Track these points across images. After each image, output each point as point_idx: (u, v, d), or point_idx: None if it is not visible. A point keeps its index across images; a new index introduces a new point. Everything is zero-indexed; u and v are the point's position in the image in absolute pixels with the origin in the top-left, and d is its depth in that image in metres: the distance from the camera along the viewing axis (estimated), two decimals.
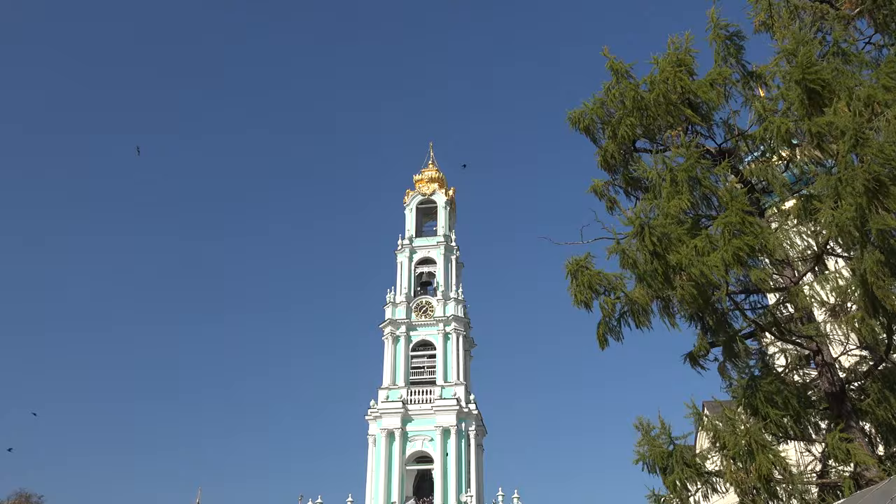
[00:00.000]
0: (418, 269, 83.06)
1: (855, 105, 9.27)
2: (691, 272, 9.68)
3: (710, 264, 9.62)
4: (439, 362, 75.79)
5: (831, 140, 9.67)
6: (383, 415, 72.34)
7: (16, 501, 52.73)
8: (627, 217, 10.58)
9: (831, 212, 9.10)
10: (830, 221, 9.08)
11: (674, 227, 10.34)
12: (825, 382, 10.69)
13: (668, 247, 10.11)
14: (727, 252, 9.56)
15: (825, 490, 10.52)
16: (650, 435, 11.21)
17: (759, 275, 9.89)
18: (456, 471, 70.05)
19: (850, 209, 8.90)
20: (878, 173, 8.75)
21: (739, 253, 9.57)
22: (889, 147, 8.77)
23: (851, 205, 8.86)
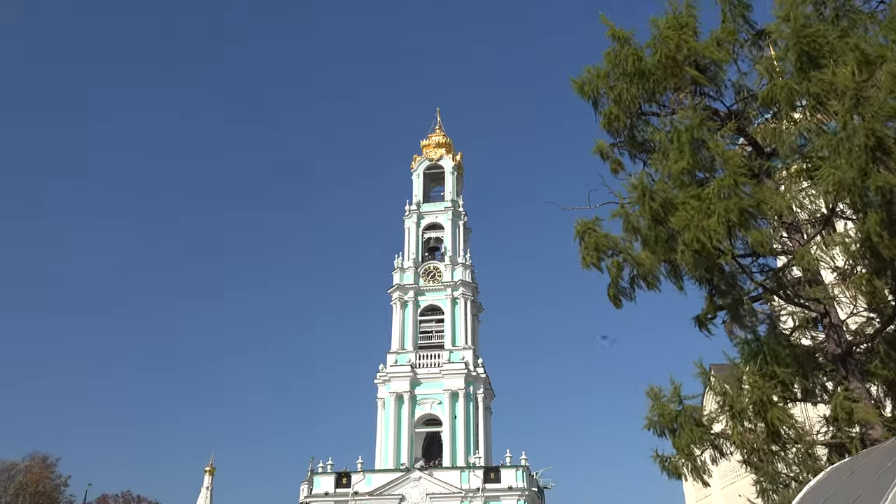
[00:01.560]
0: (426, 234, 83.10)
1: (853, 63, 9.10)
2: (691, 237, 9.63)
3: (709, 228, 9.56)
4: (447, 326, 76.25)
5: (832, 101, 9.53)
6: (392, 378, 73.09)
7: (32, 463, 53.88)
8: (630, 182, 10.52)
9: (832, 171, 9.00)
10: (831, 181, 8.99)
11: (677, 191, 10.27)
12: (832, 344, 10.69)
13: (670, 212, 10.05)
14: (722, 215, 9.49)
15: (831, 450, 10.59)
16: (660, 401, 11.30)
17: (757, 238, 9.82)
18: (464, 433, 70.92)
19: (850, 168, 8.80)
20: (878, 131, 8.64)
21: (732, 216, 9.50)
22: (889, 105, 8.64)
23: (852, 164, 8.76)
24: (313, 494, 68.42)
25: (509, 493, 64.51)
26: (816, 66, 9.81)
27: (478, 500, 64.12)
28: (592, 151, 12.61)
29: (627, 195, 10.72)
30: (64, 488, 56.58)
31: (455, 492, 64.20)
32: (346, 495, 65.89)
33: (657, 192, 10.16)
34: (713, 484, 34.91)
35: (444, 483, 64.84)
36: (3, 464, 52.75)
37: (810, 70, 9.84)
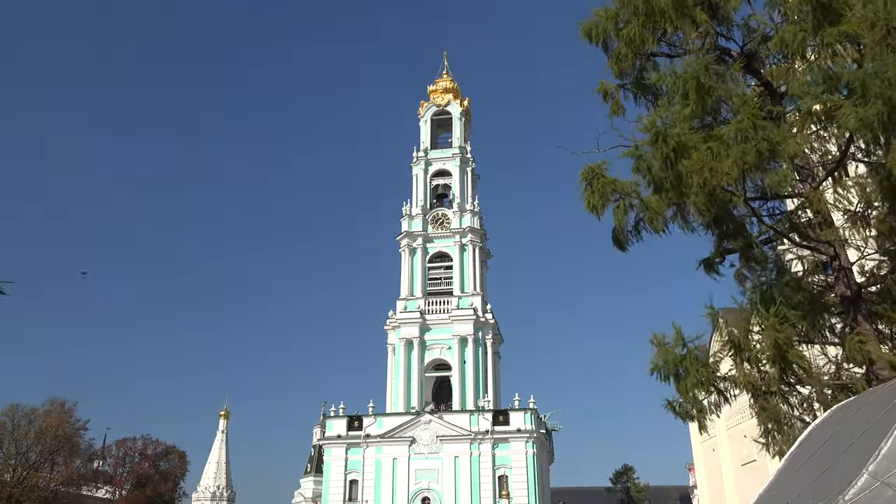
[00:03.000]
0: (434, 181, 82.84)
1: None
2: (704, 179, 9.55)
3: (722, 171, 9.47)
4: (456, 273, 76.68)
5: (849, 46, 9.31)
6: (402, 325, 73.92)
7: (51, 408, 55.18)
8: (643, 124, 10.37)
9: (855, 109, 8.82)
10: (853, 118, 8.81)
11: (689, 134, 10.14)
12: (842, 286, 10.69)
13: (683, 154, 9.95)
14: (739, 157, 9.38)
15: (838, 390, 10.70)
16: (664, 346, 11.37)
17: (775, 179, 9.73)
18: (473, 377, 72.02)
19: (877, 104, 8.62)
20: None
21: (749, 158, 9.38)
22: None
23: (880, 98, 8.57)
24: (326, 437, 70.03)
25: (518, 435, 65.83)
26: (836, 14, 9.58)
27: (487, 442, 65.51)
28: (595, 90, 12.41)
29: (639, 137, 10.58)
30: (83, 432, 58.07)
31: (465, 434, 65.55)
32: (359, 438, 67.41)
33: (671, 134, 10.04)
34: (719, 426, 35.46)
35: (453, 426, 66.15)
36: (23, 409, 54.10)
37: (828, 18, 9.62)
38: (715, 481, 38.46)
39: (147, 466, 67.11)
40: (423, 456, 65.72)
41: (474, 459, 64.91)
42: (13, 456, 51.54)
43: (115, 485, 65.57)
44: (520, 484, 63.17)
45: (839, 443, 5.21)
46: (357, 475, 66.49)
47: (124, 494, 64.04)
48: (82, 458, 58.27)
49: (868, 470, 4.05)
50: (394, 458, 66.24)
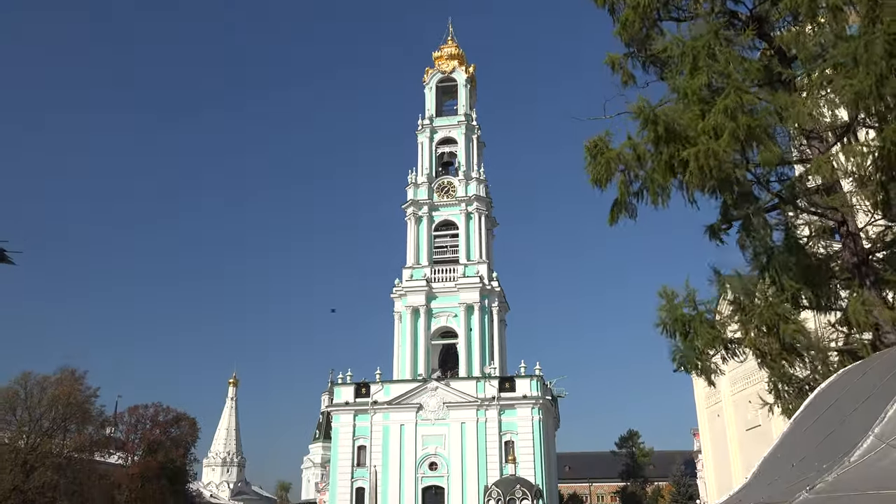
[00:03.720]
0: (439, 149, 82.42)
1: None
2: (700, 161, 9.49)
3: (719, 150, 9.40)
4: (462, 241, 76.73)
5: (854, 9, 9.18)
6: (408, 293, 74.22)
7: (62, 376, 55.81)
8: (633, 109, 10.25)
9: (849, 80, 8.74)
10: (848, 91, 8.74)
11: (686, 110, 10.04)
12: (848, 252, 10.68)
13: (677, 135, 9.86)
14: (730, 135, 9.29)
15: (843, 355, 10.75)
16: (674, 302, 11.40)
17: (768, 156, 9.66)
18: (480, 344, 72.47)
19: (868, 77, 8.53)
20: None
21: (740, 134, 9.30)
22: None
23: (870, 71, 8.49)
24: (334, 404, 70.81)
25: (524, 401, 66.45)
26: None
27: (493, 408, 66.15)
28: (604, 62, 12.28)
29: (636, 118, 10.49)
30: (94, 399, 58.73)
31: (471, 401, 66.19)
32: (366, 405, 68.13)
33: (661, 116, 9.95)
34: (724, 391, 35.71)
35: (460, 392, 66.77)
36: (35, 377, 54.71)
37: None
38: (719, 446, 38.83)
39: (159, 433, 67.90)
40: (430, 422, 66.45)
41: (481, 425, 65.60)
42: (26, 423, 52.27)
43: (128, 451, 66.52)
44: (526, 449, 63.92)
45: (845, 406, 5.27)
46: (365, 441, 67.33)
47: (136, 460, 64.97)
48: (94, 425, 59.02)
49: (874, 432, 4.10)
50: (401, 424, 67.01)
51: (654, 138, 9.94)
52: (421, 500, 64.69)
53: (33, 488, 48.83)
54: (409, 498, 64.24)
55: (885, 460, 3.93)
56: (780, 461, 5.59)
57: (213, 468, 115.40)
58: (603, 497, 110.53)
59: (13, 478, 48.22)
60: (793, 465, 5.10)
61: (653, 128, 9.86)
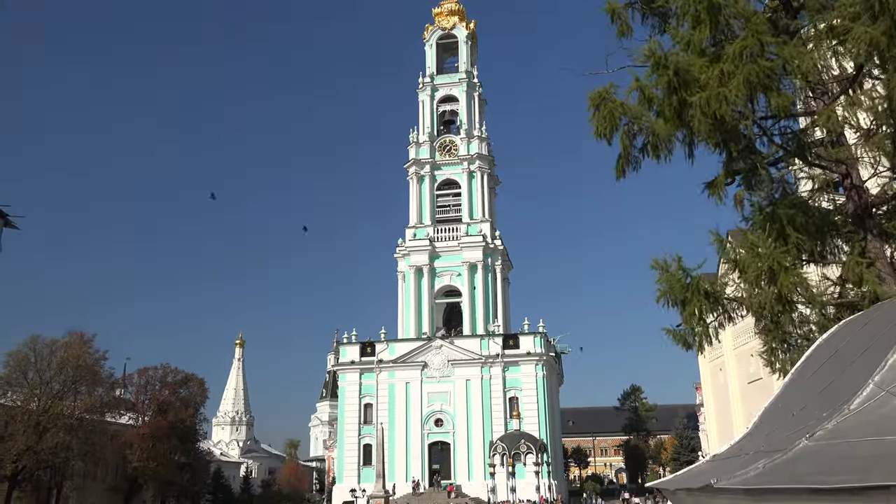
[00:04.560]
0: (440, 107, 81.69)
1: None
2: (710, 104, 9.37)
3: (728, 95, 9.28)
4: (464, 200, 76.59)
5: None
6: (411, 252, 74.41)
7: (70, 339, 56.42)
8: (643, 52, 10.10)
9: (865, 28, 8.60)
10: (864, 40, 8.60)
11: (694, 57, 9.89)
12: (851, 205, 10.65)
13: (687, 80, 9.72)
14: (743, 80, 9.16)
15: (843, 309, 10.79)
16: (668, 271, 11.40)
17: (779, 102, 9.54)
18: (483, 303, 72.91)
19: (883, 24, 8.39)
20: None
21: (754, 79, 9.16)
22: None
23: (886, 20, 8.34)
24: (340, 363, 71.63)
25: (527, 358, 67.14)
26: None
27: (497, 365, 66.89)
28: (602, 10, 12.05)
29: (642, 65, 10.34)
30: (103, 362, 59.46)
31: (475, 358, 66.89)
32: (372, 363, 68.89)
33: (671, 60, 9.80)
34: (726, 346, 35.99)
35: (464, 350, 67.42)
36: (43, 340, 55.33)
37: None
38: (721, 399, 39.30)
39: (168, 394, 68.85)
40: (435, 380, 67.29)
41: (485, 382, 66.42)
42: (37, 385, 53.04)
43: (138, 411, 67.58)
44: (530, 405, 64.80)
45: (846, 356, 5.31)
46: (371, 399, 68.28)
47: (147, 420, 66.02)
48: (104, 386, 59.86)
49: (874, 380, 4.14)
50: (406, 382, 67.87)
51: (664, 83, 9.80)
52: (427, 456, 65.87)
53: (46, 448, 49.74)
54: (415, 453, 65.38)
55: (884, 408, 3.98)
56: (780, 411, 5.66)
57: (222, 427, 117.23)
58: (606, 450, 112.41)
59: (26, 438, 49.10)
60: (793, 414, 5.17)
61: (664, 72, 9.71)
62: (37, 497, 55.58)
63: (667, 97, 10.00)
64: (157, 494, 69.07)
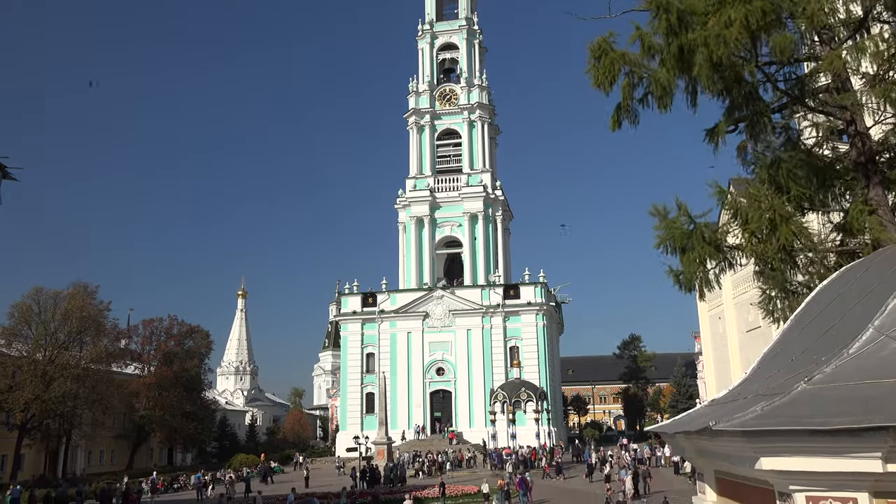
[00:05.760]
0: (440, 55, 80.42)
1: None
2: (710, 46, 9.19)
3: (730, 38, 9.09)
4: (465, 150, 76.06)
5: None
6: (412, 203, 74.23)
7: (74, 290, 56.73)
8: None
9: None
10: None
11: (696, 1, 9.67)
12: (854, 153, 10.57)
13: (688, 24, 9.52)
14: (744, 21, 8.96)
15: (843, 256, 10.80)
16: (668, 218, 11.35)
17: (782, 42, 9.34)
18: (484, 253, 73.09)
19: None
20: None
21: (754, 20, 8.96)
22: None
23: None
24: (342, 314, 72.18)
25: (528, 308, 67.63)
26: None
27: (498, 315, 67.43)
28: None
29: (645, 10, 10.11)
30: (107, 312, 59.91)
31: (476, 308, 67.39)
32: (373, 313, 69.42)
33: (672, 4, 9.59)
34: (725, 295, 36.19)
35: (465, 300, 67.88)
36: (48, 292, 55.63)
37: None
38: (720, 348, 39.71)
39: (173, 344, 69.58)
40: (436, 329, 67.90)
41: (486, 332, 67.05)
42: (42, 336, 53.53)
43: (144, 362, 68.38)
44: (530, 354, 65.54)
45: (846, 301, 5.35)
46: (373, 349, 69.04)
47: (152, 370, 66.87)
48: (109, 337, 60.44)
49: (874, 324, 4.18)
50: (408, 331, 68.51)
51: (665, 27, 9.61)
52: (429, 404, 66.93)
53: (54, 398, 50.48)
54: (417, 402, 66.42)
55: (883, 351, 4.03)
56: (779, 356, 5.72)
57: (226, 377, 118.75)
58: (605, 398, 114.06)
59: (34, 388, 49.80)
60: (792, 359, 5.23)
61: (664, 16, 9.52)
62: (46, 445, 56.68)
63: (667, 42, 9.83)
64: (165, 442, 70.48)
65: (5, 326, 54.00)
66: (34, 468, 56.10)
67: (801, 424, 3.83)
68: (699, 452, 5.60)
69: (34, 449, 55.63)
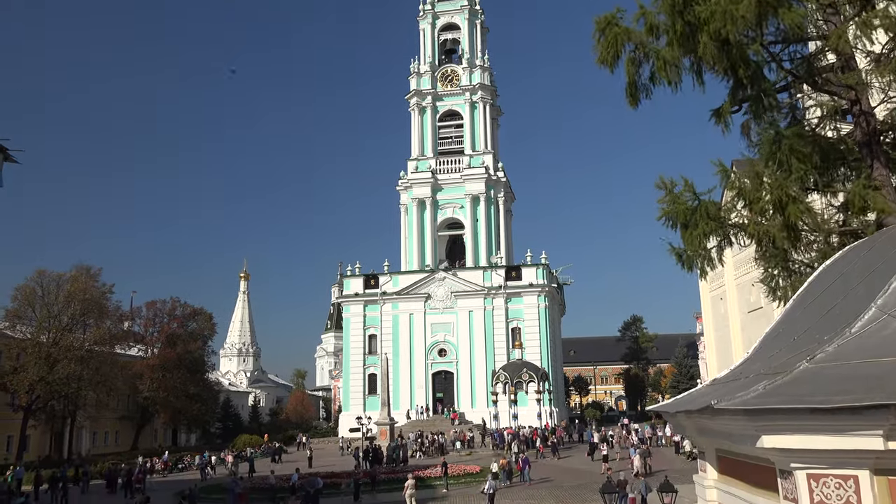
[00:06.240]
0: (441, 35, 79.84)
1: None
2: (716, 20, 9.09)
3: (737, 15, 8.99)
4: (467, 131, 75.75)
5: None
6: (414, 185, 74.07)
7: (76, 273, 56.84)
8: None
9: None
10: None
11: None
12: (859, 132, 10.50)
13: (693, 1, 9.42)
14: None
15: (848, 237, 10.78)
16: (673, 192, 11.30)
17: (793, 18, 9.25)
18: (486, 235, 73.03)
19: None
20: None
21: None
22: None
23: None
24: (344, 295, 72.32)
25: (530, 289, 67.67)
26: None
27: (500, 296, 67.48)
28: None
29: None
30: (110, 295, 60.06)
31: (478, 289, 67.45)
32: (375, 295, 69.54)
33: None
34: (727, 275, 36.17)
35: (467, 282, 67.92)
36: (50, 274, 55.76)
37: None
38: (721, 328, 39.75)
39: (176, 326, 69.78)
40: (438, 311, 68.04)
41: (488, 313, 67.17)
42: (46, 319, 53.72)
43: (147, 343, 68.64)
44: (532, 335, 65.69)
45: (849, 280, 5.33)
46: (375, 330, 69.23)
47: (156, 352, 67.12)
48: (112, 319, 60.66)
49: (876, 303, 4.17)
50: (410, 313, 68.64)
51: (669, 4, 9.52)
52: (431, 385, 67.22)
53: (58, 379, 50.76)
54: (419, 383, 66.70)
55: (886, 330, 4.02)
56: (781, 336, 5.72)
57: (229, 358, 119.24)
58: (606, 379, 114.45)
59: (38, 369, 50.08)
60: (794, 338, 5.23)
61: None
62: (52, 426, 57.06)
63: (672, 20, 9.74)
64: (169, 423, 70.95)
65: (9, 309, 54.23)
66: (40, 449, 56.55)
67: (803, 403, 3.83)
68: (701, 431, 5.62)
69: (39, 430, 56.05)
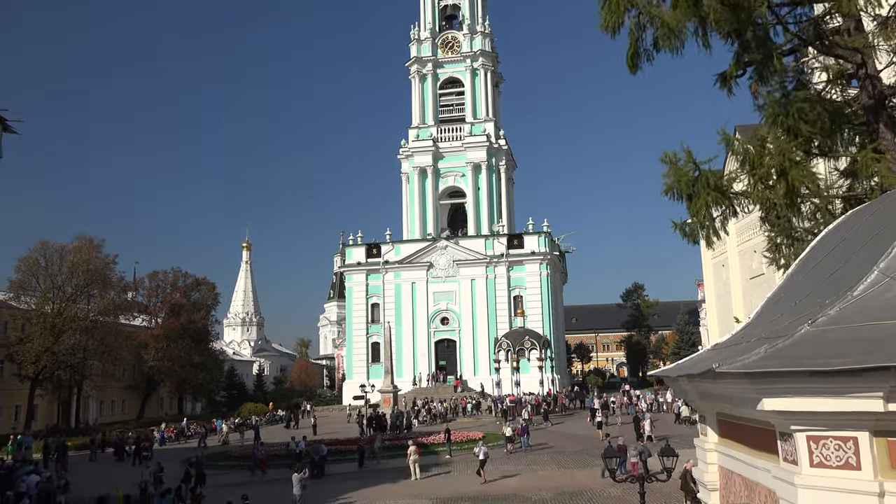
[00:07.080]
0: (442, 1, 78.73)
1: None
2: None
3: None
4: (468, 99, 75.16)
5: None
6: (415, 153, 73.75)
7: (79, 244, 56.91)
8: None
9: None
10: None
11: None
12: (865, 96, 10.40)
13: None
14: None
15: (851, 202, 10.74)
16: (677, 165, 11.25)
17: None
18: (488, 203, 72.89)
19: None
20: None
21: None
22: None
23: None
24: (346, 265, 72.47)
25: (532, 257, 67.75)
26: None
27: (502, 265, 67.60)
28: None
29: None
30: (113, 265, 60.18)
31: (480, 258, 67.53)
32: (378, 264, 69.66)
33: None
34: (729, 242, 36.12)
35: (469, 250, 67.99)
36: (53, 245, 55.81)
37: None
38: (723, 295, 39.84)
39: (180, 296, 70.02)
40: (440, 280, 68.20)
41: (490, 282, 67.33)
42: (50, 290, 53.91)
43: (151, 314, 68.98)
44: (534, 303, 65.91)
45: (852, 244, 5.32)
46: (378, 299, 69.47)
47: (160, 322, 67.47)
48: (116, 289, 60.83)
49: (879, 267, 4.16)
50: (412, 282, 68.83)
51: None
52: (434, 353, 67.65)
53: (63, 349, 51.13)
54: (422, 351, 67.13)
55: (888, 293, 4.02)
56: (783, 300, 5.73)
57: (233, 328, 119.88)
58: (608, 346, 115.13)
59: (43, 340, 50.41)
60: (796, 302, 5.24)
61: None
62: (58, 396, 57.62)
63: None
64: (174, 392, 71.60)
65: (13, 280, 54.40)
66: (47, 418, 57.20)
67: (803, 366, 3.85)
68: (702, 395, 5.66)
69: (46, 399, 56.62)
